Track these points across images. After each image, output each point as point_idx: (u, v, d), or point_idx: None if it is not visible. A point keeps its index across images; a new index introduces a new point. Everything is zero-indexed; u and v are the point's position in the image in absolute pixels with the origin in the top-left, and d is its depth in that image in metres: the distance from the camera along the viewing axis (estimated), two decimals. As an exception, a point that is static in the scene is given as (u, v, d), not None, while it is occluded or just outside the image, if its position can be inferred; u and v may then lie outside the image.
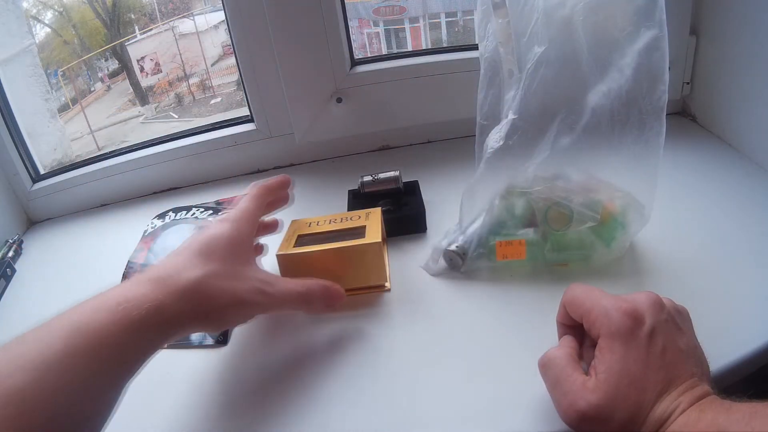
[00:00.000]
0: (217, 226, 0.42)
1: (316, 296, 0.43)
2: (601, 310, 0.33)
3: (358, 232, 0.50)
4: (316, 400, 0.40)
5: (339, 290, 0.45)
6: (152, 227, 0.67)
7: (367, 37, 1.27)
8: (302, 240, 0.50)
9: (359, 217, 0.53)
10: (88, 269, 0.63)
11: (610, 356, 0.31)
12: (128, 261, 0.61)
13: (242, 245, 0.42)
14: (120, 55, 1.01)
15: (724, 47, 0.66)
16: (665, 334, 0.32)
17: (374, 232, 0.49)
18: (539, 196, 0.47)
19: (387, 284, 0.51)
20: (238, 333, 0.48)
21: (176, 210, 0.70)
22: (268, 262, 0.50)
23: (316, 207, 0.63)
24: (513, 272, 0.50)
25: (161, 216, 0.69)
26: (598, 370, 0.31)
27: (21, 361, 0.28)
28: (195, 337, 0.50)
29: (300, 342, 0.46)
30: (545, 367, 0.35)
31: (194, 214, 0.68)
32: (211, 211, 0.68)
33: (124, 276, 0.59)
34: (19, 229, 0.73)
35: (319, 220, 0.53)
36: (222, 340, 0.48)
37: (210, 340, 0.48)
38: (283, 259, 0.48)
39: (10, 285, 0.63)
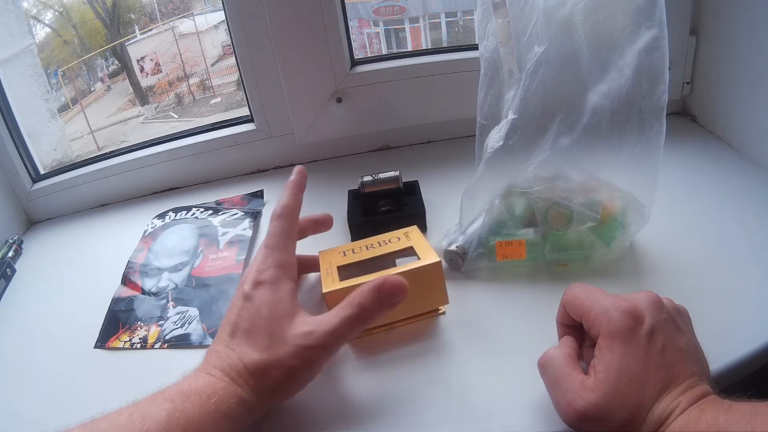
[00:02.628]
0: (258, 293, 0.39)
1: (373, 304, 0.37)
2: (601, 309, 0.33)
3: (407, 253, 0.46)
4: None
5: (394, 279, 0.37)
6: (152, 227, 0.66)
7: (367, 37, 1.27)
8: (345, 272, 0.46)
9: (398, 238, 0.49)
10: (88, 269, 0.63)
11: (609, 355, 0.31)
12: (128, 261, 0.61)
13: (282, 304, 0.38)
14: (120, 55, 1.01)
15: (724, 47, 0.66)
16: (665, 333, 0.32)
17: (428, 252, 0.45)
18: (539, 196, 0.47)
19: (442, 308, 0.46)
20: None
21: (176, 210, 0.69)
22: (311, 301, 0.50)
23: (316, 207, 0.63)
24: (513, 272, 0.50)
25: (161, 216, 0.68)
26: (598, 370, 0.31)
27: None
28: (195, 337, 0.49)
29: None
30: (544, 366, 0.35)
31: (194, 214, 0.67)
32: (211, 211, 0.67)
33: (124, 276, 0.59)
34: (19, 229, 0.73)
35: (353, 248, 0.49)
36: None
37: (210, 341, 0.48)
38: (332, 297, 0.42)
39: (10, 285, 0.63)
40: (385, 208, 0.59)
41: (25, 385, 0.48)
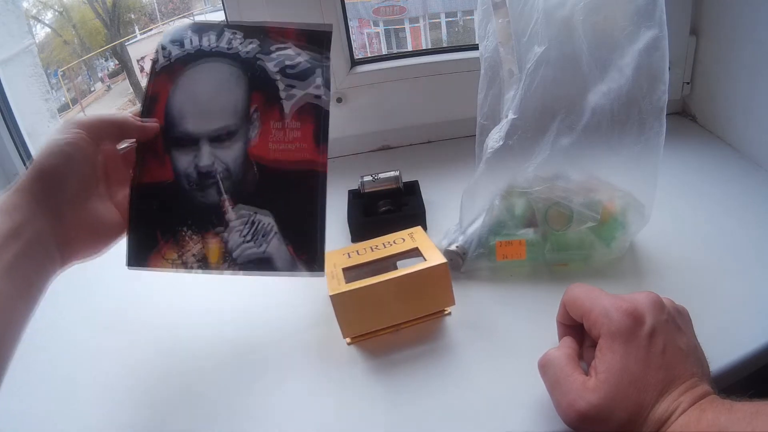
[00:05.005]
0: None
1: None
2: (602, 310, 0.33)
3: (412, 254, 0.46)
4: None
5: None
6: (166, 57, 0.44)
7: (367, 37, 1.27)
8: (350, 274, 0.45)
9: (403, 239, 0.48)
10: (88, 267, 0.63)
11: (610, 356, 0.31)
12: (142, 100, 0.44)
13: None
14: (120, 55, 1.01)
15: (724, 47, 0.66)
16: (665, 334, 0.32)
17: (433, 253, 0.44)
18: (539, 196, 0.47)
19: (448, 308, 0.46)
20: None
21: (198, 29, 0.45)
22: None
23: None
24: (513, 272, 0.50)
25: (176, 42, 0.45)
26: (599, 370, 0.31)
27: None
28: (280, 263, 0.40)
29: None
30: (545, 367, 0.35)
31: (230, 42, 0.44)
32: (257, 43, 0.44)
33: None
34: (19, 229, 0.73)
35: (357, 249, 0.48)
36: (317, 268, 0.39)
37: (302, 270, 0.39)
38: (338, 299, 0.42)
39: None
40: (385, 208, 0.59)
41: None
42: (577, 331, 0.37)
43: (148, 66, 0.53)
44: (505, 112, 0.46)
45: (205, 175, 0.41)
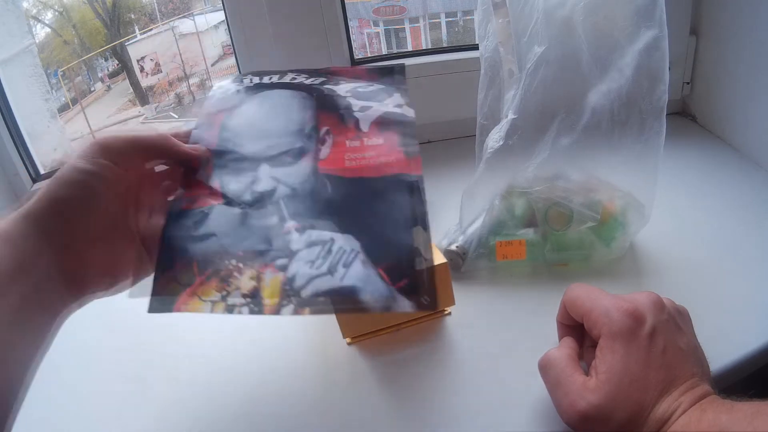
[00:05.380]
0: None
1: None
2: (602, 310, 0.33)
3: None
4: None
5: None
6: (222, 92, 0.41)
7: (367, 37, 1.27)
8: None
9: None
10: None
11: (611, 356, 0.31)
12: (191, 135, 0.38)
13: None
14: (120, 55, 1.01)
15: (724, 47, 0.66)
16: (666, 334, 0.32)
17: (434, 253, 0.35)
18: (539, 196, 0.47)
19: (448, 308, 0.45)
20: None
21: (258, 73, 0.42)
22: None
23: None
24: (513, 272, 0.50)
25: (237, 80, 0.42)
26: (599, 371, 0.31)
27: None
28: (370, 290, 0.30)
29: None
30: (545, 367, 0.35)
31: (293, 78, 0.41)
32: (322, 79, 0.40)
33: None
34: (19, 229, 0.73)
35: None
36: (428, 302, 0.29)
37: (401, 300, 0.29)
38: None
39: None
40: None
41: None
42: (578, 331, 0.37)
43: (148, 66, 0.51)
44: (505, 112, 0.46)
45: (264, 198, 0.33)
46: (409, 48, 1.38)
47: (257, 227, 0.32)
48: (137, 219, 0.35)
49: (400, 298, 0.29)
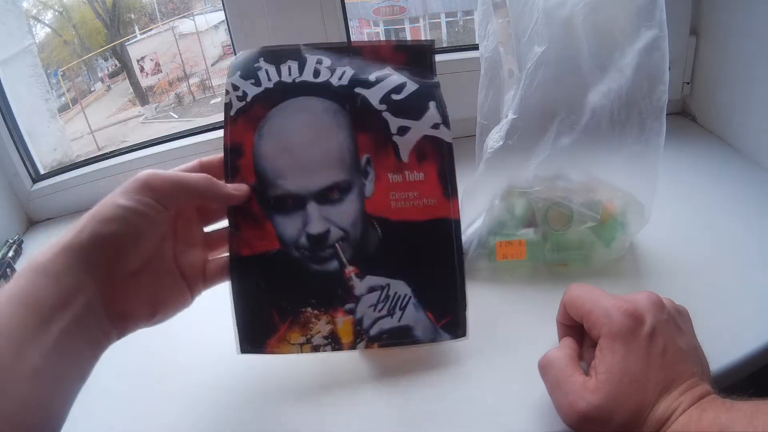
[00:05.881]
0: None
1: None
2: (602, 310, 0.33)
3: None
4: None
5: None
6: (241, 98, 0.37)
7: (367, 37, 1.27)
8: None
9: None
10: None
11: (611, 356, 0.31)
12: (225, 151, 0.37)
13: None
14: (120, 55, 1.01)
15: (724, 47, 0.66)
16: (666, 334, 0.32)
17: None
18: (539, 196, 0.47)
19: None
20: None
21: (272, 59, 0.37)
22: None
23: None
24: (513, 272, 0.50)
25: (250, 77, 0.37)
26: (599, 371, 0.31)
27: None
28: (420, 330, 0.37)
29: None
30: (545, 368, 0.35)
31: (316, 71, 0.37)
32: (347, 67, 0.37)
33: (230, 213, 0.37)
34: (19, 229, 0.73)
35: None
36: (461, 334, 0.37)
37: (445, 336, 0.37)
38: None
39: (10, 285, 0.63)
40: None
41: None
42: (577, 331, 0.37)
43: (148, 66, 0.51)
44: (505, 112, 0.46)
45: (319, 241, 0.35)
46: (409, 48, 1.38)
47: (320, 273, 0.36)
48: (176, 250, 0.36)
49: (443, 333, 0.37)
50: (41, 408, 0.27)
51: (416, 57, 0.39)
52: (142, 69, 1.02)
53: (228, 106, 0.37)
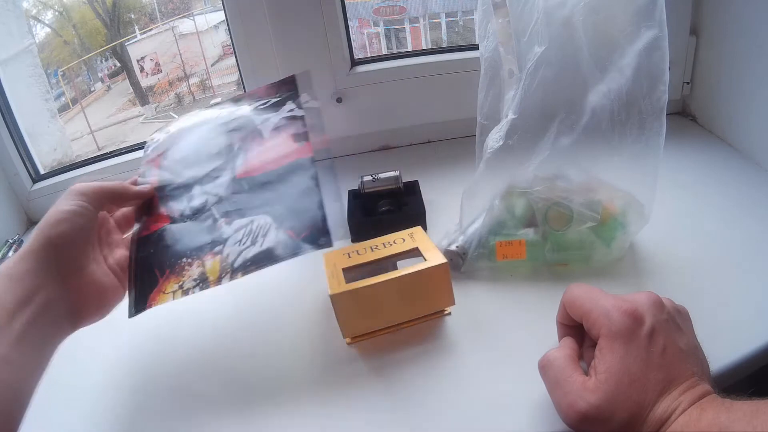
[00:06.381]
0: None
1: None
2: (602, 310, 0.33)
3: (412, 254, 0.46)
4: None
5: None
6: (155, 145, 0.51)
7: (367, 37, 1.27)
8: (350, 274, 0.44)
9: (403, 239, 0.48)
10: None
11: (610, 356, 0.31)
12: (161, 187, 0.47)
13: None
14: (120, 55, 1.01)
15: (724, 47, 0.66)
16: (665, 333, 0.32)
17: (434, 253, 0.44)
18: (539, 196, 0.47)
19: (448, 308, 0.46)
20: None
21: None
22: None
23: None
24: (513, 272, 0.50)
25: (163, 130, 0.53)
26: (599, 371, 0.31)
27: None
28: (282, 249, 0.39)
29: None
30: (545, 368, 0.35)
31: (206, 116, 0.52)
32: (232, 107, 0.52)
33: (138, 210, 0.47)
34: (19, 229, 0.73)
35: (357, 249, 0.48)
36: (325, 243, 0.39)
37: (307, 248, 0.39)
38: (338, 299, 0.42)
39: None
40: (385, 208, 0.59)
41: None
42: (577, 331, 0.37)
43: (148, 66, 0.59)
44: (505, 112, 0.46)
45: (199, 210, 0.44)
46: (409, 48, 1.38)
47: (198, 231, 0.42)
48: (102, 253, 0.43)
49: (304, 245, 0.39)
50: (11, 390, 0.32)
51: (285, 86, 0.51)
52: (142, 69, 1.02)
53: (145, 152, 0.50)
